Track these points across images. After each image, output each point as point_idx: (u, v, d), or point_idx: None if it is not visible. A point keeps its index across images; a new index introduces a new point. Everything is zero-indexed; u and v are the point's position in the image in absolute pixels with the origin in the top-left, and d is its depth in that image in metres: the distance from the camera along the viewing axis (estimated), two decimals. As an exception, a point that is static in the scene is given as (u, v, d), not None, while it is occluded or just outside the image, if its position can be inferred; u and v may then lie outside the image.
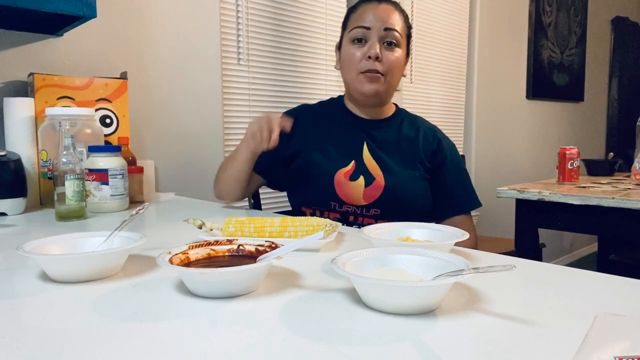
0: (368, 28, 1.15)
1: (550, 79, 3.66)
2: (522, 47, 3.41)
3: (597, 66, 4.27)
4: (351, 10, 1.22)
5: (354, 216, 1.18)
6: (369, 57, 1.14)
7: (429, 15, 2.72)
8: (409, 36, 1.23)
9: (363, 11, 1.18)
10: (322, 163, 1.20)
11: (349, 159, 1.20)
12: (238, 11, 1.90)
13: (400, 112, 1.30)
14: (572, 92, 3.92)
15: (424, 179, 1.21)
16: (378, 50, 1.14)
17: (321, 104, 1.35)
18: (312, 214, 1.20)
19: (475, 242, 1.13)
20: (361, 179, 1.17)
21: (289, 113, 1.30)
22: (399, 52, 1.18)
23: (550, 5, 3.56)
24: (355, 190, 1.17)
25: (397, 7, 1.21)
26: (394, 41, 1.16)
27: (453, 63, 2.92)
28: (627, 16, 4.49)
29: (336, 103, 1.32)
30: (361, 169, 1.18)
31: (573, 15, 3.84)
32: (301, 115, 1.27)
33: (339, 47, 1.25)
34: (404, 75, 1.26)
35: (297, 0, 2.08)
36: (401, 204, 1.16)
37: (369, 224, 1.12)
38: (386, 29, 1.15)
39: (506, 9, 3.21)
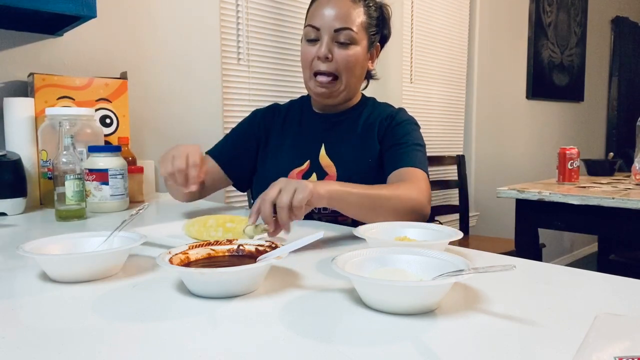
0: (318, 29, 1.12)
1: (550, 79, 3.66)
2: (522, 47, 3.40)
3: (597, 66, 4.27)
4: (310, 3, 1.18)
5: (310, 213, 1.14)
6: (319, 58, 1.12)
7: (429, 15, 2.72)
8: (378, 24, 1.17)
9: (317, 6, 1.14)
10: (276, 163, 1.19)
11: (304, 159, 1.18)
12: (238, 11, 1.90)
13: (364, 102, 1.26)
14: (572, 92, 3.92)
15: (379, 158, 1.16)
16: (327, 51, 1.11)
17: (291, 103, 1.32)
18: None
19: (422, 197, 0.99)
20: (314, 176, 1.15)
21: (258, 112, 1.28)
22: (354, 50, 1.13)
23: (550, 5, 3.56)
24: None
25: None
26: (347, 41, 1.12)
27: (453, 63, 2.91)
28: (627, 16, 4.49)
29: (304, 101, 1.29)
30: (315, 168, 1.16)
31: (573, 15, 3.84)
32: (269, 116, 1.26)
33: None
34: (371, 67, 1.22)
35: (297, 0, 2.08)
36: None
37: (328, 220, 1.11)
38: (337, 30, 1.10)
39: (506, 9, 3.21)
